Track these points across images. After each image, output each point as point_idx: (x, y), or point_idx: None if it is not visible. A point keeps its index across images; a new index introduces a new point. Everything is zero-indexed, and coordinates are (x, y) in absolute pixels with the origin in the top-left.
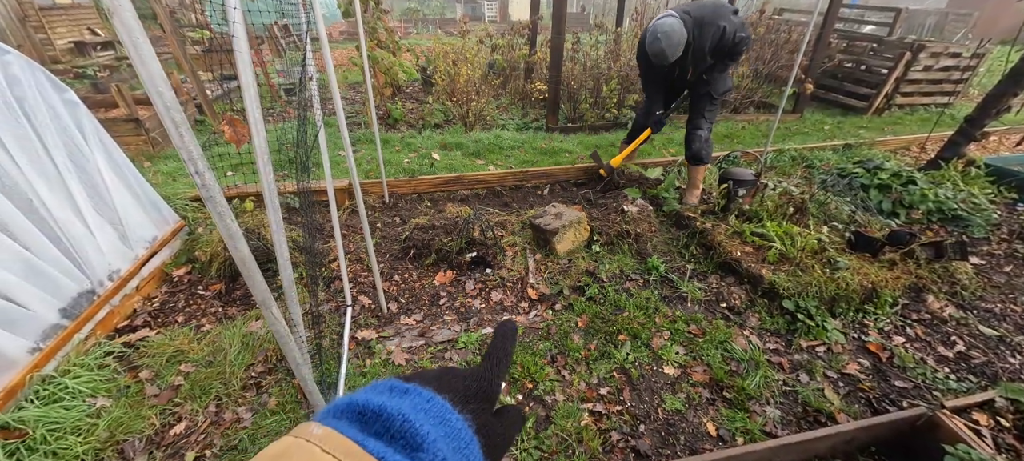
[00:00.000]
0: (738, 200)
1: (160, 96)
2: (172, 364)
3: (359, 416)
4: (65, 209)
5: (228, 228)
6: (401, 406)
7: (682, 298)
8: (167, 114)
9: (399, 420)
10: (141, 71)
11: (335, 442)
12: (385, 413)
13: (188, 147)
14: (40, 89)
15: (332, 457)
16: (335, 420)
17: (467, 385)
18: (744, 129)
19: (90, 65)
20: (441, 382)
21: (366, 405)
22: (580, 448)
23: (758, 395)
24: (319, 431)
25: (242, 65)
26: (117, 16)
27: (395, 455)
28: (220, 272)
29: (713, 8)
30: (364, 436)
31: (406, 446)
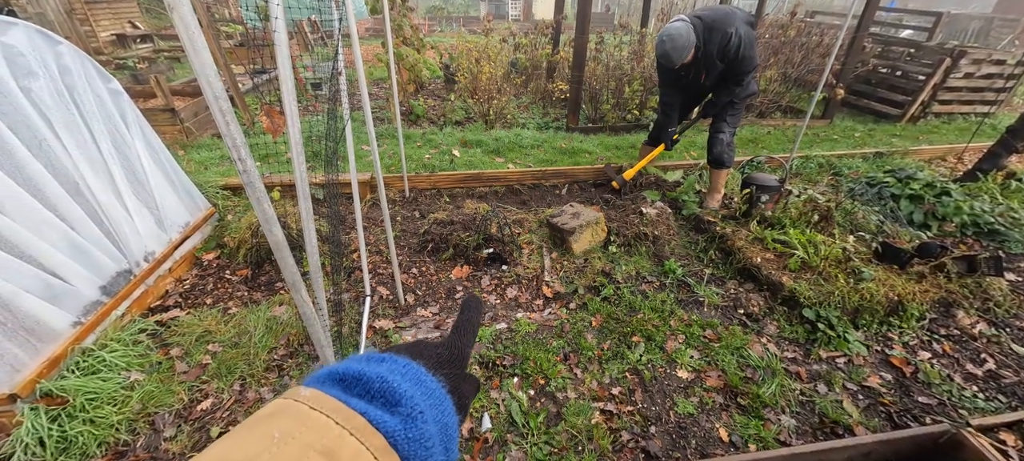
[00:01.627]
0: (760, 206)
1: (210, 85)
2: (201, 343)
3: (341, 382)
4: (108, 193)
5: (265, 212)
6: (379, 370)
7: (699, 302)
8: (215, 103)
9: (378, 381)
10: (194, 61)
11: (322, 401)
12: (364, 377)
13: (232, 134)
14: (88, 78)
15: (320, 413)
16: (321, 385)
17: (439, 353)
18: (770, 134)
19: (130, 57)
20: (415, 351)
21: (346, 372)
22: (590, 446)
23: (773, 403)
24: (307, 393)
25: (282, 60)
26: (176, 11)
27: (376, 410)
28: (247, 258)
29: (725, 14)
30: (347, 396)
31: (386, 403)
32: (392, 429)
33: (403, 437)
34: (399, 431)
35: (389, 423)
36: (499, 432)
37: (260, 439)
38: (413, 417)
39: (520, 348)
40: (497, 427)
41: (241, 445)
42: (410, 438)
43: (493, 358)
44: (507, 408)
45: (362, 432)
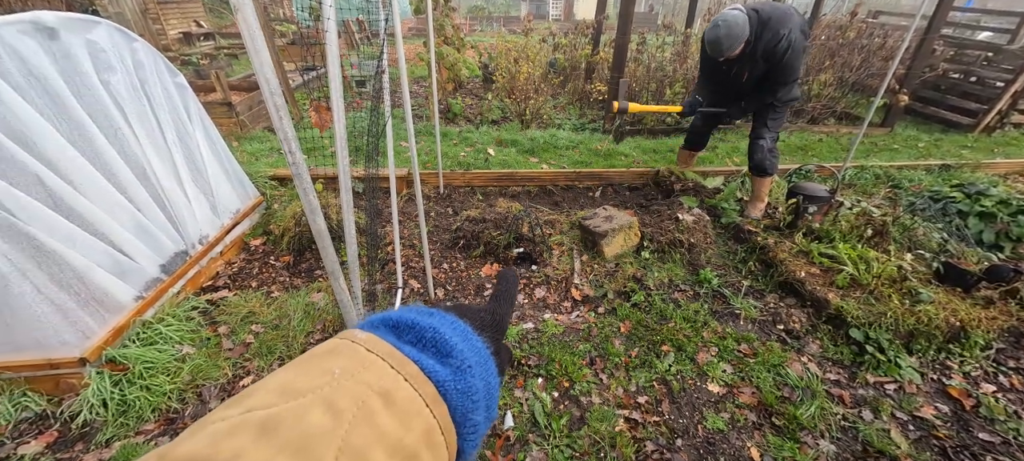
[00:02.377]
0: (807, 217)
1: (267, 82)
2: (245, 323)
3: (393, 329)
4: (170, 179)
5: (310, 202)
6: (431, 322)
7: (734, 315)
8: (271, 98)
9: (430, 332)
10: (254, 59)
11: (377, 344)
12: (417, 326)
13: (284, 128)
14: (158, 73)
15: (376, 356)
16: (375, 328)
17: (482, 317)
18: (821, 141)
19: (194, 53)
20: (461, 312)
21: (400, 319)
22: (613, 453)
23: (812, 426)
24: (363, 336)
25: (331, 60)
26: (240, 12)
27: (428, 359)
28: (289, 246)
29: (783, 13)
30: (400, 342)
31: (437, 353)
32: (443, 378)
33: (453, 388)
34: (449, 381)
35: (440, 372)
36: (521, 431)
37: (321, 373)
38: (463, 370)
39: (546, 349)
40: (520, 426)
41: (304, 376)
42: (459, 389)
43: (519, 357)
44: (530, 408)
45: (415, 379)
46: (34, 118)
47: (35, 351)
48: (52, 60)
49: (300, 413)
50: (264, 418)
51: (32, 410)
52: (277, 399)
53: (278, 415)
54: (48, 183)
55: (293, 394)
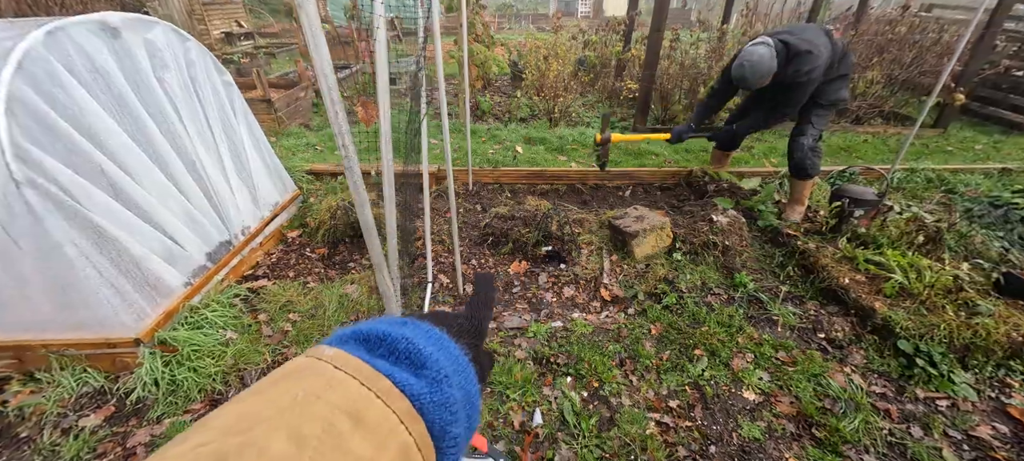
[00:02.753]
0: (853, 222)
1: (325, 78)
2: (283, 312)
3: (364, 342)
4: (217, 171)
5: (360, 195)
6: (404, 332)
7: (772, 321)
8: (328, 94)
9: (403, 342)
10: (314, 55)
11: (345, 360)
12: (389, 338)
13: (339, 123)
14: (207, 71)
15: (345, 373)
16: (344, 344)
17: (460, 323)
18: (867, 142)
19: (236, 52)
20: (436, 319)
21: (371, 332)
22: (644, 456)
23: (855, 440)
24: (331, 352)
25: (380, 60)
26: (304, 9)
27: (401, 372)
28: (325, 239)
29: (811, 48)
30: (371, 357)
31: (411, 365)
32: (418, 392)
33: (429, 401)
34: (425, 394)
35: (415, 386)
36: (550, 429)
37: (284, 397)
38: (439, 381)
39: (575, 348)
40: (548, 424)
41: (264, 402)
42: (436, 402)
43: (547, 355)
44: (559, 406)
45: (388, 394)
46: (99, 113)
47: (96, 330)
48: (115, 58)
49: (260, 443)
50: (216, 453)
51: (91, 385)
52: (234, 429)
53: (236, 447)
54: (110, 174)
55: (252, 422)
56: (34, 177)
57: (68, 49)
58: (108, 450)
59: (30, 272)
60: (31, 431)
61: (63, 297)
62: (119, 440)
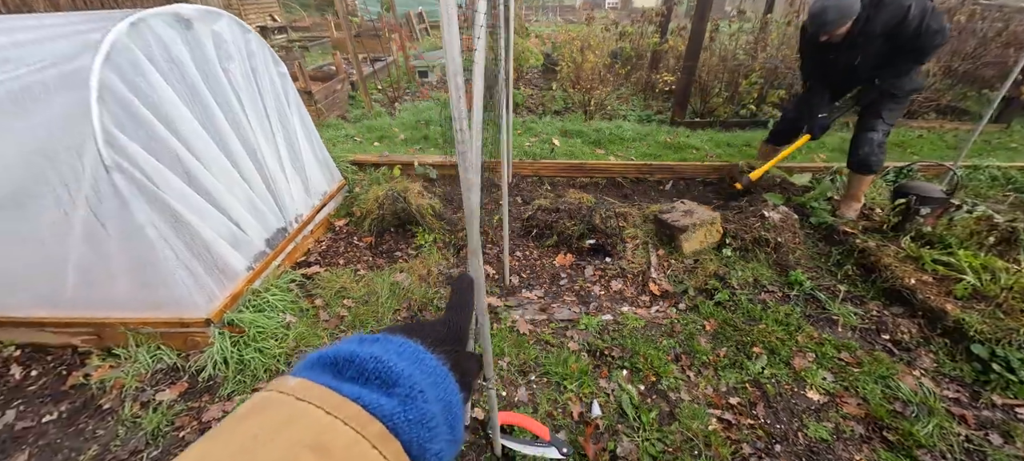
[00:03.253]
0: (918, 220)
1: (452, 61)
2: (338, 298)
3: (332, 366)
4: (274, 160)
5: (469, 180)
6: (372, 350)
7: (831, 321)
8: (453, 79)
9: (372, 362)
10: (447, 39)
11: (309, 390)
12: (357, 359)
13: (460, 107)
14: (265, 62)
15: (308, 404)
16: (309, 372)
17: (437, 331)
18: (921, 138)
19: (272, 46)
20: (410, 331)
21: (337, 355)
22: (708, 452)
23: (930, 445)
24: (293, 382)
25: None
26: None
27: (371, 393)
28: (371, 228)
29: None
30: (339, 382)
31: (382, 384)
32: (390, 412)
33: (403, 419)
34: (398, 413)
35: (386, 406)
36: (609, 421)
37: (242, 436)
38: (412, 397)
39: (628, 341)
40: (607, 416)
41: (221, 446)
42: (411, 420)
43: (601, 348)
44: (617, 399)
45: (356, 419)
46: (175, 101)
47: (171, 310)
48: (188, 49)
49: None
50: None
51: (165, 362)
52: None
53: None
54: (185, 160)
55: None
56: (121, 162)
57: (149, 40)
58: (185, 423)
59: (114, 253)
60: (113, 403)
61: (143, 277)
62: (194, 414)
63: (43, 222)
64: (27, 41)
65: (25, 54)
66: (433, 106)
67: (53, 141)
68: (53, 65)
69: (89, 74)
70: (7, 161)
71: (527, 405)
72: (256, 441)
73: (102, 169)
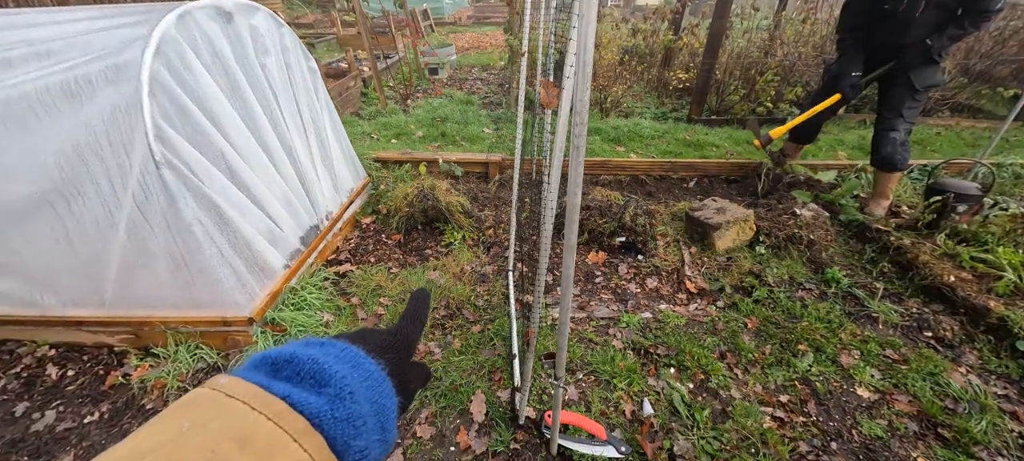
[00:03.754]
0: (954, 217)
1: (585, 50)
2: (374, 296)
3: (272, 366)
4: (306, 156)
5: (576, 174)
6: (311, 352)
7: (872, 318)
8: (582, 71)
9: (308, 363)
10: (581, 27)
11: (240, 388)
12: (295, 359)
13: (583, 100)
14: (297, 57)
15: (237, 401)
16: (247, 371)
17: (383, 339)
18: (940, 136)
19: None
20: (358, 337)
21: (278, 355)
22: (765, 450)
23: (986, 441)
24: (225, 380)
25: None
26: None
27: (301, 392)
28: (399, 225)
29: None
30: (271, 381)
31: (314, 384)
32: (316, 410)
33: (329, 417)
34: (325, 411)
35: (313, 404)
36: (662, 419)
37: (170, 428)
38: (342, 397)
39: (672, 339)
40: (660, 414)
41: (152, 435)
42: (337, 418)
43: (645, 345)
44: (667, 397)
45: (281, 416)
46: (219, 96)
47: (212, 308)
48: (229, 43)
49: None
50: None
51: (206, 361)
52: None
53: None
54: (228, 157)
55: (138, 456)
56: (171, 158)
57: (194, 33)
58: None
59: (157, 250)
60: (155, 403)
61: (186, 275)
62: None
63: (86, 220)
64: (69, 34)
65: (68, 47)
66: (447, 103)
67: (99, 136)
68: (99, 58)
69: (140, 67)
70: (51, 158)
71: (578, 403)
72: (181, 433)
73: (152, 164)
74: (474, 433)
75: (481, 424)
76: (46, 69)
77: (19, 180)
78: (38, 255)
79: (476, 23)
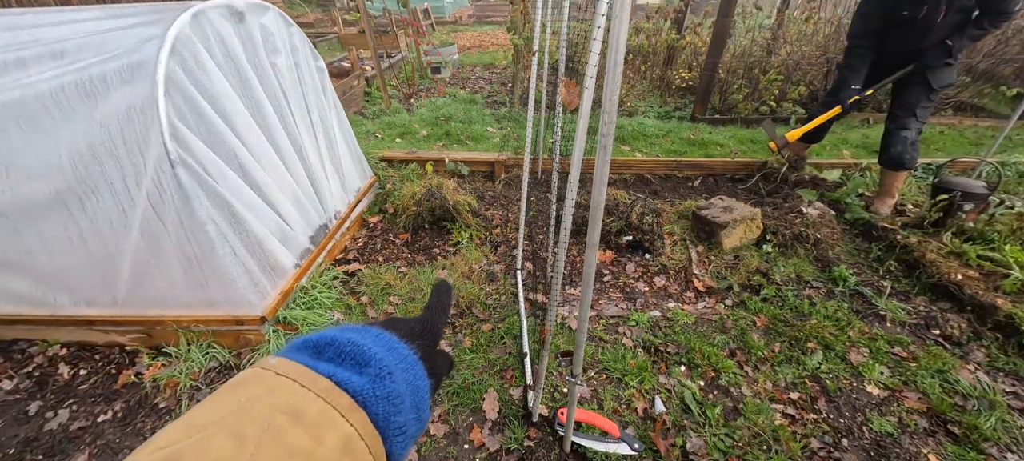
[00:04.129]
0: (960, 216)
1: (618, 50)
2: (383, 295)
3: (314, 348)
4: (315, 155)
5: (602, 173)
6: (350, 336)
7: (879, 316)
8: (614, 70)
9: (349, 345)
10: (615, 26)
11: (288, 367)
12: (336, 342)
13: (612, 98)
14: (306, 57)
15: (286, 378)
16: (292, 352)
17: (412, 326)
18: (943, 134)
19: None
20: (388, 324)
21: (319, 338)
22: (777, 446)
23: (995, 438)
24: (274, 361)
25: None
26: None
27: (344, 372)
28: (406, 224)
29: None
30: (315, 361)
31: (356, 364)
32: (360, 387)
33: (371, 394)
34: (367, 389)
35: (356, 382)
36: (674, 416)
37: (227, 404)
38: (382, 377)
39: (681, 337)
40: (672, 411)
41: (210, 410)
42: (378, 395)
43: (655, 343)
44: (679, 394)
45: (328, 393)
46: (231, 95)
47: (225, 308)
48: (241, 42)
49: (202, 446)
50: (167, 457)
51: (218, 360)
52: (182, 436)
53: (180, 451)
54: (240, 156)
55: (197, 429)
56: (186, 157)
57: (207, 33)
58: None
59: (170, 250)
60: (168, 402)
61: (199, 274)
62: None
63: (100, 219)
64: (81, 34)
65: (82, 47)
66: (451, 102)
67: (114, 136)
68: (114, 58)
69: (155, 66)
70: (65, 157)
71: (590, 401)
72: (240, 406)
73: (166, 164)
74: (487, 431)
75: (494, 422)
76: (60, 69)
77: (33, 180)
78: (51, 255)
79: (477, 22)
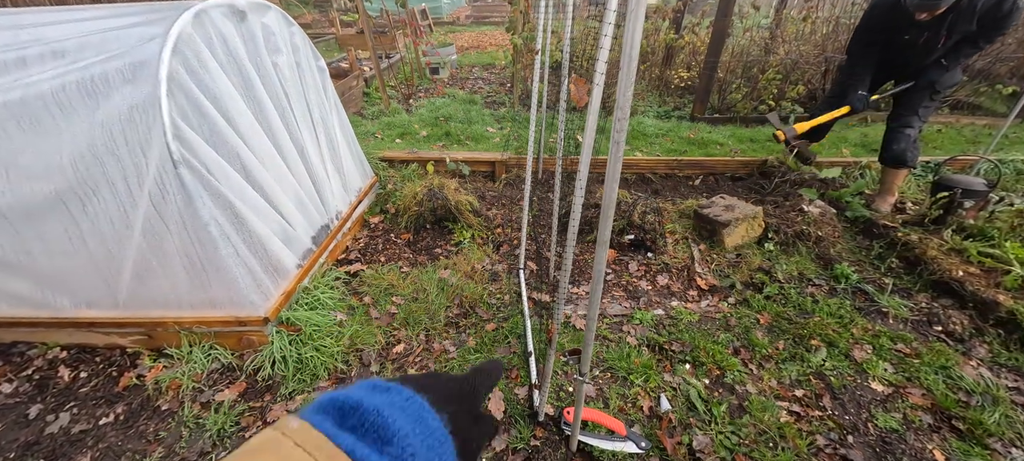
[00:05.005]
0: (960, 213)
1: (632, 48)
2: (386, 295)
3: (339, 411)
4: (317, 155)
5: (614, 170)
6: (378, 402)
7: (882, 313)
8: (628, 67)
9: (373, 415)
10: (630, 30)
11: (307, 436)
12: (362, 408)
13: (625, 95)
14: (307, 57)
15: (303, 451)
16: (316, 414)
17: (450, 388)
18: (941, 132)
19: None
20: (422, 383)
21: (346, 400)
22: (783, 443)
23: (999, 433)
24: (296, 425)
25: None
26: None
27: (364, 448)
28: (408, 225)
29: None
30: (338, 430)
31: (377, 439)
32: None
33: None
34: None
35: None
36: (680, 414)
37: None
38: (403, 459)
39: (685, 335)
40: (677, 409)
41: None
42: None
43: (660, 342)
44: (684, 393)
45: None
46: (234, 95)
47: (228, 309)
48: (242, 42)
49: None
50: None
51: (220, 361)
52: None
53: None
54: (242, 156)
55: None
56: (188, 157)
57: (210, 32)
58: (250, 424)
59: (173, 251)
60: (170, 404)
61: (202, 275)
62: (258, 414)
63: (101, 220)
64: (82, 33)
65: (83, 46)
66: (450, 102)
67: (116, 135)
68: (116, 57)
69: (157, 65)
70: (66, 158)
71: (596, 400)
72: None
73: (169, 164)
74: None
75: (500, 421)
76: (62, 68)
77: (34, 180)
78: (52, 256)
79: (475, 22)
